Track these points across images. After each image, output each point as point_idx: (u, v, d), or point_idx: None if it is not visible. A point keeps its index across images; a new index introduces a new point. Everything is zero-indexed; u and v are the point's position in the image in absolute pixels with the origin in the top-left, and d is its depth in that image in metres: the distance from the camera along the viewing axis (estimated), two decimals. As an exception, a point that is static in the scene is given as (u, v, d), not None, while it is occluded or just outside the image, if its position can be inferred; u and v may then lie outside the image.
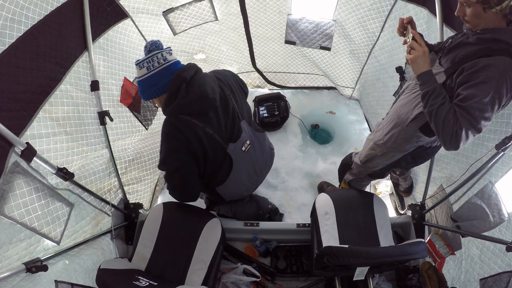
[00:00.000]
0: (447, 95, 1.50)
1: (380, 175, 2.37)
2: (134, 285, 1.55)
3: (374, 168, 2.28)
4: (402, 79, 2.55)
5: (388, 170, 2.28)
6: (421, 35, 1.61)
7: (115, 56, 2.33)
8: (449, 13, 1.92)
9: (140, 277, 1.63)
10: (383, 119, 2.15)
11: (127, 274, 1.62)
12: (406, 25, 1.63)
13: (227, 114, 1.91)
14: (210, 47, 3.39)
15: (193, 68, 1.79)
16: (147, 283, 1.58)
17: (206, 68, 3.64)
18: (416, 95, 1.75)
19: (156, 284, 1.61)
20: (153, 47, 1.72)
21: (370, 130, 3.55)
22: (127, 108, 2.50)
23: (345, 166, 2.61)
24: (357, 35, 3.00)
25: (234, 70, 3.70)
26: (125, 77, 2.46)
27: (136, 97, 2.57)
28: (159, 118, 2.99)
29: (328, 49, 3.24)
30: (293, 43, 3.26)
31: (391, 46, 2.68)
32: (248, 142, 2.06)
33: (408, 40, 1.59)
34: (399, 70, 2.54)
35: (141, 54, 2.69)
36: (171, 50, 1.76)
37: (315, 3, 2.89)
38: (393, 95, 2.71)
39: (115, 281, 1.56)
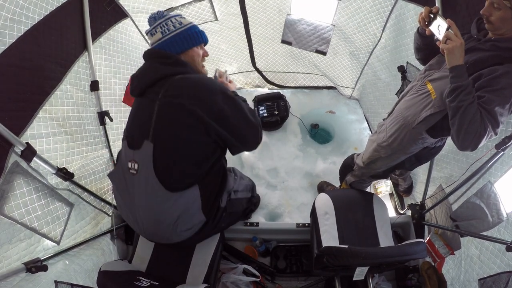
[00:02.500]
0: None
1: (383, 176, 2.36)
2: (135, 285, 1.55)
3: (377, 170, 2.26)
4: (404, 78, 2.54)
5: (391, 172, 2.27)
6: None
7: (118, 55, 2.33)
8: (450, 13, 1.92)
9: (141, 278, 1.63)
10: (383, 119, 2.14)
11: (128, 275, 1.63)
12: (435, 14, 1.53)
13: (143, 116, 1.62)
14: (210, 46, 3.38)
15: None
16: (148, 283, 1.58)
17: (206, 67, 3.63)
18: (424, 97, 1.74)
19: (157, 284, 1.61)
20: (159, 15, 1.67)
21: (370, 130, 3.55)
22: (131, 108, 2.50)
23: (347, 167, 2.58)
24: (357, 38, 2.98)
25: (233, 69, 3.71)
26: (131, 76, 2.45)
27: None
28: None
29: (324, 53, 3.21)
30: (289, 43, 3.25)
31: (394, 45, 2.68)
32: (136, 166, 1.60)
33: (439, 32, 1.49)
34: (401, 69, 2.54)
35: (142, 53, 2.70)
36: (180, 15, 1.71)
37: (314, 6, 2.88)
38: (396, 94, 2.71)
39: (116, 283, 1.56)
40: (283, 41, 3.27)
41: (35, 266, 1.48)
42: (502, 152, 1.60)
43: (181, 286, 1.69)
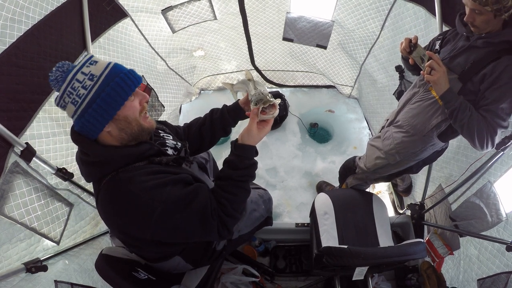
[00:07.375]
0: (469, 103, 1.56)
1: (387, 179, 2.36)
2: (133, 276, 1.54)
3: (383, 174, 2.24)
4: (402, 78, 2.54)
5: (397, 176, 2.26)
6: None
7: (117, 55, 2.32)
8: (449, 12, 1.92)
9: (139, 269, 1.62)
10: (383, 127, 2.13)
11: (127, 264, 1.61)
12: (415, 44, 1.62)
13: None
14: (209, 44, 3.39)
15: None
16: (146, 277, 1.58)
17: (205, 65, 3.66)
18: (430, 103, 1.76)
19: (154, 279, 1.61)
20: (62, 74, 1.18)
21: (369, 129, 3.56)
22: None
23: (348, 170, 2.53)
24: (356, 35, 2.99)
25: (232, 67, 3.72)
26: None
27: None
28: (163, 117, 3.03)
29: (324, 47, 3.24)
30: (291, 40, 3.27)
31: (391, 45, 2.68)
32: None
33: (423, 64, 1.59)
34: (399, 69, 2.54)
35: (143, 53, 2.69)
36: (91, 58, 1.23)
37: (314, 2, 2.89)
38: (393, 94, 2.71)
39: (114, 269, 1.54)
40: (284, 39, 3.28)
41: (35, 266, 1.48)
42: (502, 152, 1.61)
43: (176, 286, 1.69)
